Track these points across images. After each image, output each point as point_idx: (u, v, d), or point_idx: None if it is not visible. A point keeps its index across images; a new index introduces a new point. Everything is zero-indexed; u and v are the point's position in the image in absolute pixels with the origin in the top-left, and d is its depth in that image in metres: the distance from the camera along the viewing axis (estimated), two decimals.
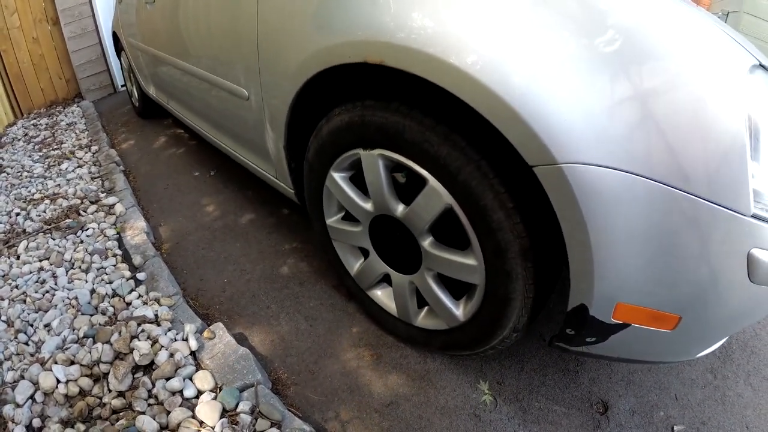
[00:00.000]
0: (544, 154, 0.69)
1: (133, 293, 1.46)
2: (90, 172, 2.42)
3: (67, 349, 1.23)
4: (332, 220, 1.24)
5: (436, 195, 0.89)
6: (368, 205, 1.08)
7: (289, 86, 1.10)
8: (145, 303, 1.41)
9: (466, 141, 0.82)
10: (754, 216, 0.65)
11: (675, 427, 1.07)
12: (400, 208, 1.01)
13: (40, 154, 2.75)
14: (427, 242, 1.00)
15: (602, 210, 0.68)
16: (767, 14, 2.81)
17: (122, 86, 3.96)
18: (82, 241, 1.77)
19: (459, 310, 1.04)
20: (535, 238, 0.84)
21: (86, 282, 1.53)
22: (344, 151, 1.05)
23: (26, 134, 3.14)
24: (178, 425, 1.02)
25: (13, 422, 1.05)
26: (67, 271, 1.59)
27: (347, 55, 0.90)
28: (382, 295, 1.27)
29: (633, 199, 0.67)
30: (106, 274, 1.57)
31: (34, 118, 3.47)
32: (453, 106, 0.85)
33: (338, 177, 1.11)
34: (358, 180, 1.11)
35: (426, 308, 1.16)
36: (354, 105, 0.99)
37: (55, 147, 2.83)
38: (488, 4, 0.74)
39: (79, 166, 2.51)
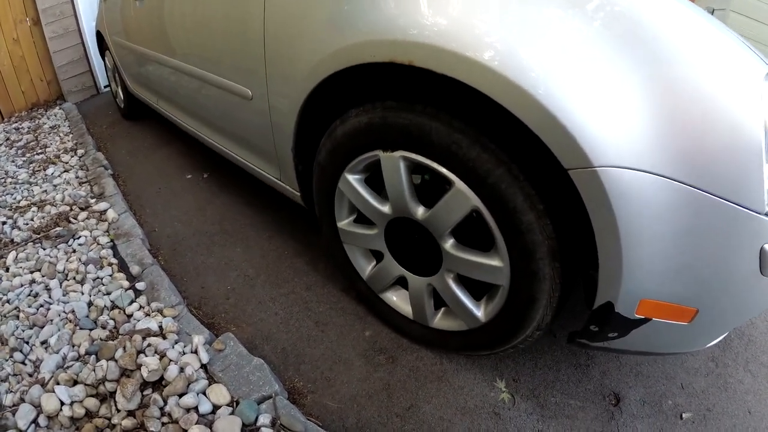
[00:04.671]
0: (580, 158, 0.70)
1: (134, 304, 1.41)
2: (77, 177, 2.33)
3: (68, 367, 1.17)
4: (344, 222, 1.21)
5: (463, 197, 0.88)
6: (386, 208, 1.05)
7: (300, 87, 1.06)
8: (147, 315, 1.36)
9: (495, 143, 0.81)
10: (767, 214, 0.71)
11: (683, 415, 1.11)
12: (420, 211, 0.99)
13: (24, 158, 2.64)
14: (448, 244, 0.98)
15: (633, 211, 0.71)
16: (755, 13, 2.83)
17: (105, 87, 3.84)
18: (74, 250, 1.70)
19: (480, 311, 1.03)
20: (563, 238, 0.84)
21: (82, 294, 1.46)
22: (361, 152, 1.02)
23: (8, 138, 3.01)
24: None
25: None
26: (61, 283, 1.52)
27: (370, 54, 0.87)
28: (395, 298, 1.24)
29: (661, 200, 0.70)
30: (103, 284, 1.51)
31: (16, 122, 3.33)
32: (477, 109, 0.83)
33: (353, 179, 1.08)
34: (371, 182, 1.08)
35: (443, 310, 1.14)
36: (374, 106, 0.96)
37: (39, 151, 2.72)
38: (527, 6, 0.73)
39: (65, 171, 2.42)
